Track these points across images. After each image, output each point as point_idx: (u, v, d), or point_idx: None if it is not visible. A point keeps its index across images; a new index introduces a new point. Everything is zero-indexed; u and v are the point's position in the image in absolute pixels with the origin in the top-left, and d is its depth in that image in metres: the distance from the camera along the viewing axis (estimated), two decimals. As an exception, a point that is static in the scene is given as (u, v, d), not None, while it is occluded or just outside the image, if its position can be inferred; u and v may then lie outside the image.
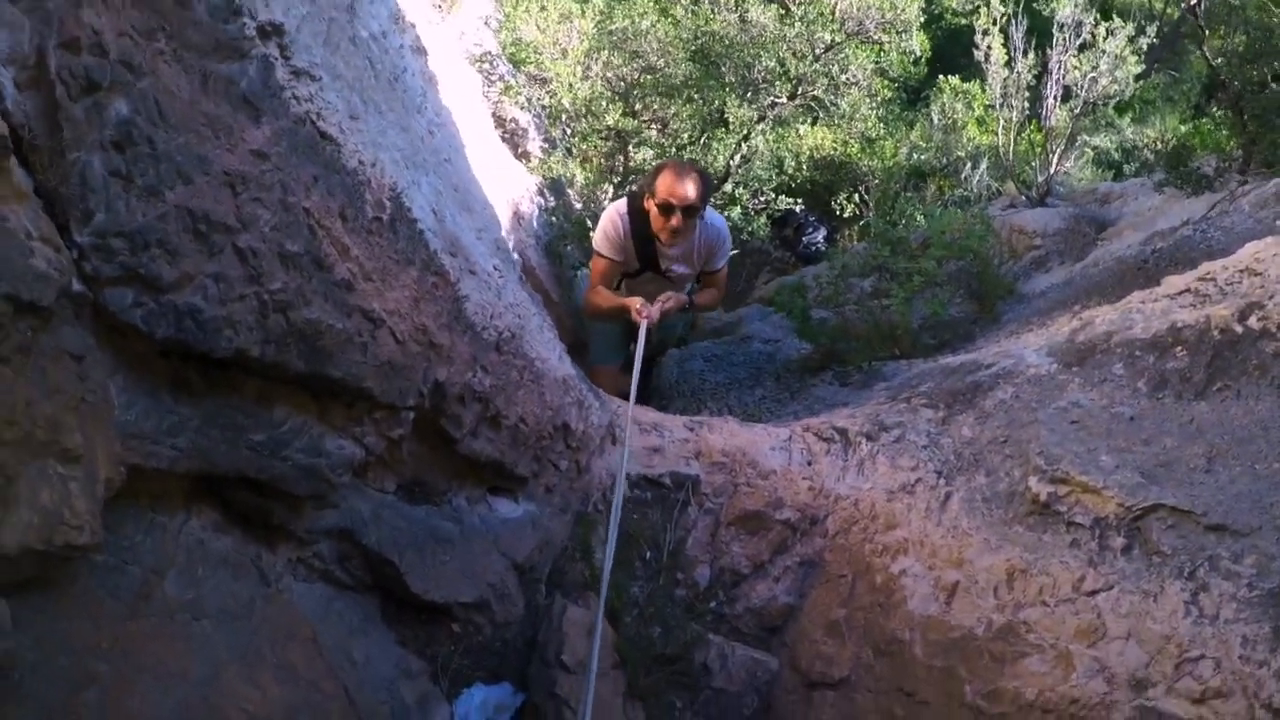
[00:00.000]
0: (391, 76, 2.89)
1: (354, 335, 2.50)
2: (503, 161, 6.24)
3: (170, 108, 2.02)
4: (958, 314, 6.69)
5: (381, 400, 2.68)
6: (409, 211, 2.72)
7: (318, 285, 2.38)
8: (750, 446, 4.29)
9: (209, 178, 2.10)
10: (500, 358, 3.13)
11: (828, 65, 7.79)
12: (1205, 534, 2.96)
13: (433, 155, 3.09)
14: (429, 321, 2.77)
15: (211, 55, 2.14)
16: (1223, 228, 5.20)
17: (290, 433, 2.53)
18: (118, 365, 2.08)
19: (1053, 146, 9.02)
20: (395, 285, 2.63)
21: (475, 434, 3.12)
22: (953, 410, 4.21)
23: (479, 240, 3.24)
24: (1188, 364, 3.61)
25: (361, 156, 2.55)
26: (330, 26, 2.57)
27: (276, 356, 2.32)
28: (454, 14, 7.12)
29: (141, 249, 1.97)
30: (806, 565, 3.95)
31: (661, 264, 5.02)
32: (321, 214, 2.38)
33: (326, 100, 2.46)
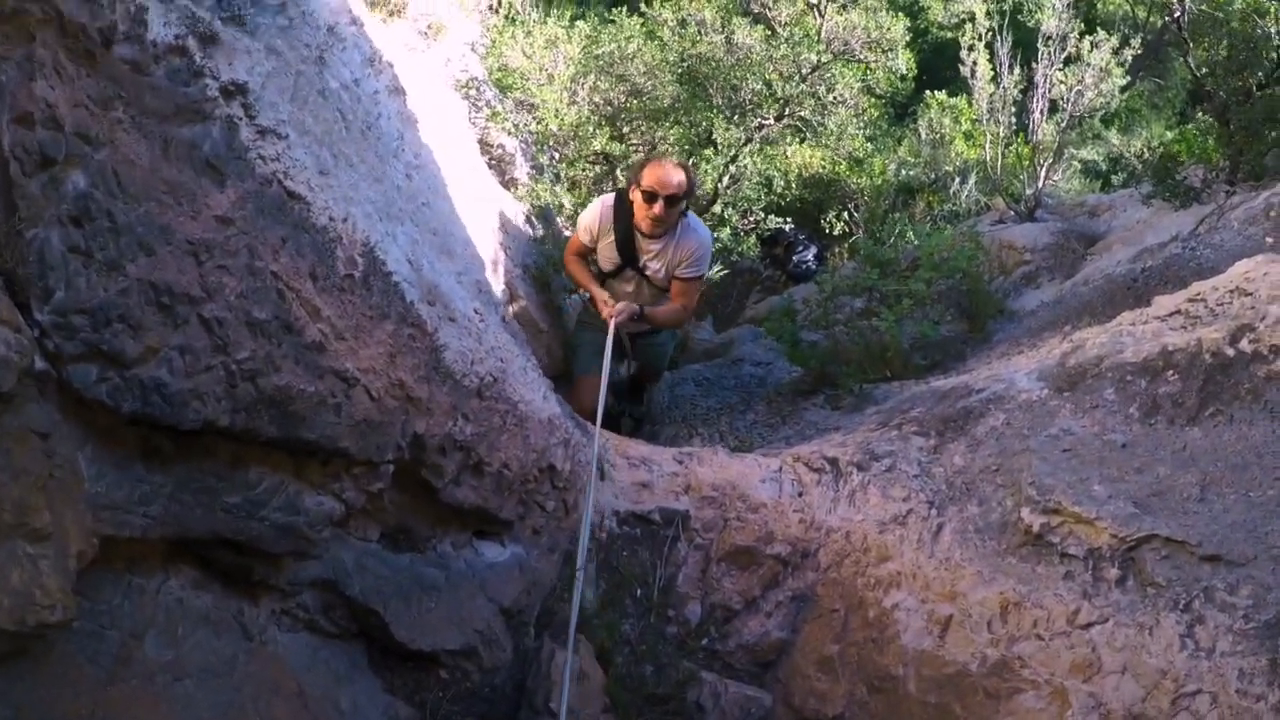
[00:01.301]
0: (365, 125, 2.84)
1: (327, 397, 2.46)
2: (489, 191, 6.19)
3: (130, 177, 1.98)
4: (949, 333, 6.65)
5: (359, 457, 2.63)
6: (383, 265, 2.67)
7: (288, 350, 2.33)
8: (740, 479, 4.25)
9: (171, 248, 2.06)
10: (482, 404, 3.08)
11: (814, 86, 7.76)
12: (1200, 564, 2.92)
13: (409, 202, 3.04)
14: (406, 375, 2.72)
15: (172, 120, 2.10)
16: (1212, 245, 5.17)
17: (266, 493, 2.48)
18: (86, 437, 2.04)
19: (1040, 161, 9.00)
20: (370, 342, 2.59)
21: (458, 482, 3.07)
22: (944, 438, 4.17)
23: (459, 284, 3.19)
24: (1180, 389, 3.58)
25: (332, 213, 2.50)
26: (298, 81, 2.52)
27: (247, 424, 2.28)
28: (440, 41, 7.09)
29: (103, 325, 1.94)
30: (799, 600, 3.90)
31: (640, 259, 5.05)
32: (290, 276, 2.33)
33: (294, 158, 2.41)
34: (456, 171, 5.32)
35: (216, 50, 2.25)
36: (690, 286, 5.11)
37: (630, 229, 4.95)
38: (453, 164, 5.27)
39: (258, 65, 2.37)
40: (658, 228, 4.84)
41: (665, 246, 4.97)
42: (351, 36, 3.00)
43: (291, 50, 2.55)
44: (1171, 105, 16.10)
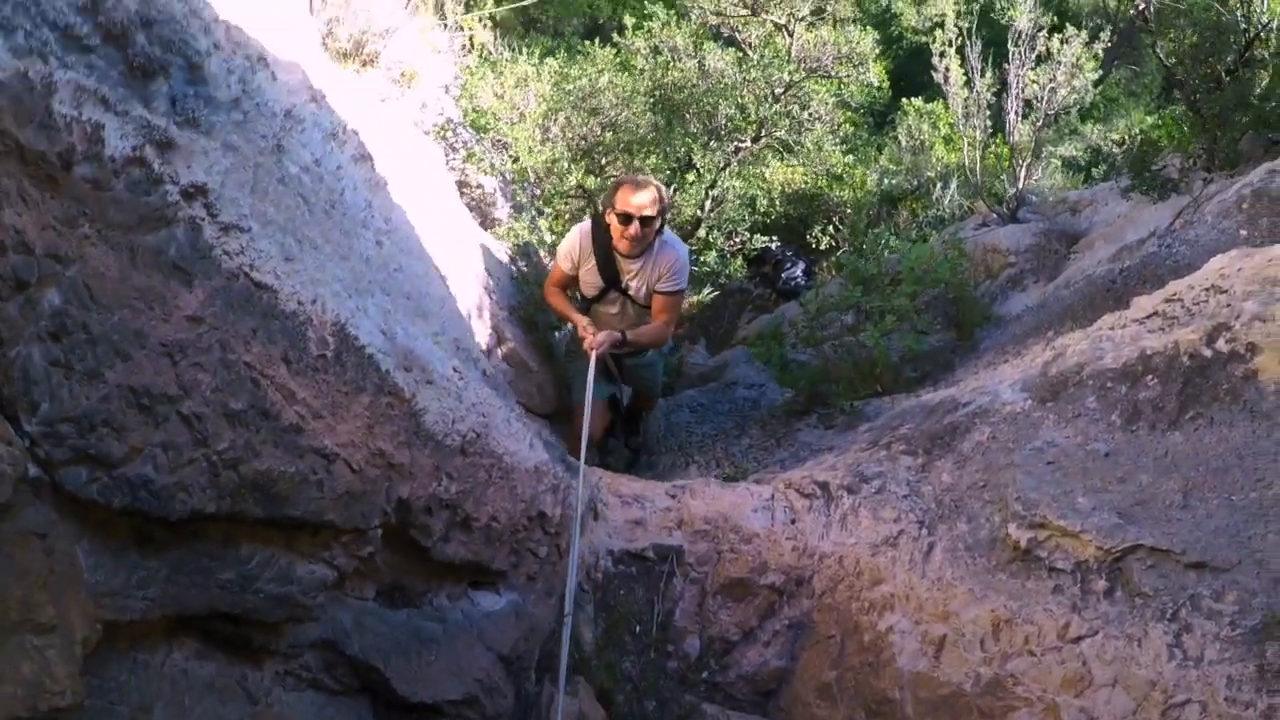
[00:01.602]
0: (329, 204, 2.89)
1: (309, 475, 2.51)
2: (469, 233, 6.24)
3: (101, 289, 2.05)
4: (937, 343, 6.68)
5: (345, 527, 2.68)
6: (355, 340, 2.72)
7: (266, 435, 2.39)
8: (732, 510, 4.27)
9: (146, 351, 2.13)
10: (466, 460, 3.12)
11: (788, 105, 7.82)
12: (1185, 572, 2.94)
13: (380, 270, 3.09)
14: (386, 444, 2.77)
15: (137, 229, 2.17)
16: (1187, 241, 5.19)
17: (258, 567, 2.53)
18: (82, 532, 2.11)
19: (1019, 161, 9.04)
20: (347, 417, 2.63)
21: (447, 539, 3.10)
22: (931, 455, 4.19)
23: (436, 345, 3.23)
24: (1159, 393, 3.60)
25: (300, 297, 2.55)
26: (257, 173, 2.57)
27: (233, 509, 2.34)
28: (413, 88, 7.17)
29: (89, 430, 2.02)
30: (795, 627, 3.92)
31: (622, 280, 5.17)
32: (264, 364, 2.39)
33: (259, 249, 2.46)
34: (434, 221, 5.37)
35: (174, 155, 2.30)
36: (671, 301, 5.19)
37: (609, 252, 5.08)
38: (429, 214, 5.32)
39: (216, 164, 2.42)
40: (636, 247, 4.97)
41: (644, 264, 5.09)
42: (311, 115, 3.04)
43: (248, 144, 2.59)
44: (1149, 91, 16.12)
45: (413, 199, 4.83)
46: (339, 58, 6.26)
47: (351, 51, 6.35)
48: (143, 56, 2.30)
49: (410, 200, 4.54)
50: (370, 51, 6.45)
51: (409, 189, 4.93)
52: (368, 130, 4.38)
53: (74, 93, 2.06)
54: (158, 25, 2.38)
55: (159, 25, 2.38)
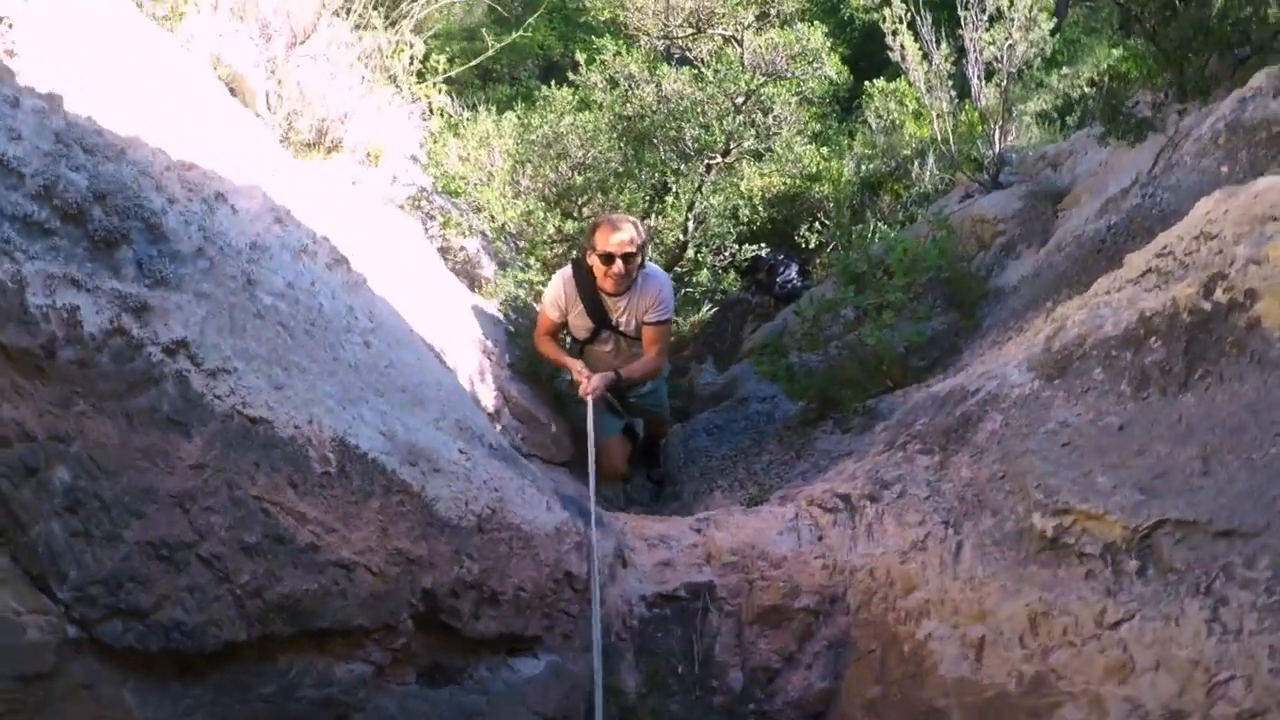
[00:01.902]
0: (308, 323, 3.00)
1: (331, 588, 2.63)
2: (459, 299, 6.26)
3: (105, 457, 2.20)
4: (940, 326, 6.63)
5: (374, 627, 2.79)
6: (357, 449, 2.82)
7: (285, 559, 2.52)
8: (758, 537, 4.25)
9: (158, 505, 2.29)
10: (485, 538, 3.22)
11: (750, 114, 7.82)
12: (1215, 541, 2.88)
13: (371, 372, 3.20)
14: (402, 541, 2.87)
15: (128, 395, 2.30)
16: (1169, 187, 5.11)
17: (297, 676, 2.65)
18: (126, 675, 2.27)
19: (991, 125, 8.98)
20: (360, 525, 2.74)
21: (477, 616, 3.19)
22: (948, 451, 4.15)
23: (439, 430, 3.33)
24: (1165, 355, 3.53)
25: (296, 422, 2.65)
26: (232, 313, 2.68)
27: (263, 632, 2.48)
28: (381, 166, 7.20)
29: (117, 589, 2.19)
30: (835, 647, 3.89)
31: (612, 319, 5.22)
32: (271, 493, 2.51)
33: (248, 386, 2.57)
34: (421, 296, 5.40)
35: (151, 316, 2.42)
36: (661, 331, 5.22)
37: (595, 292, 5.13)
38: (415, 291, 5.35)
39: (191, 315, 2.53)
40: (621, 285, 5.03)
41: (630, 299, 5.15)
42: (277, 239, 3.14)
43: (219, 288, 2.70)
44: (1109, 24, 15.99)
45: (396, 281, 4.86)
46: (302, 150, 6.30)
47: (315, 141, 6.39)
48: (103, 229, 2.43)
49: (394, 284, 4.57)
50: (333, 138, 6.49)
51: (391, 272, 4.96)
52: (339, 223, 4.42)
53: (44, 281, 2.21)
54: (111, 196, 2.50)
55: (112, 195, 2.51)
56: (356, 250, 4.20)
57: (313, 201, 4.60)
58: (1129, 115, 7.20)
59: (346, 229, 4.85)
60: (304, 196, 4.29)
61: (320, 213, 4.21)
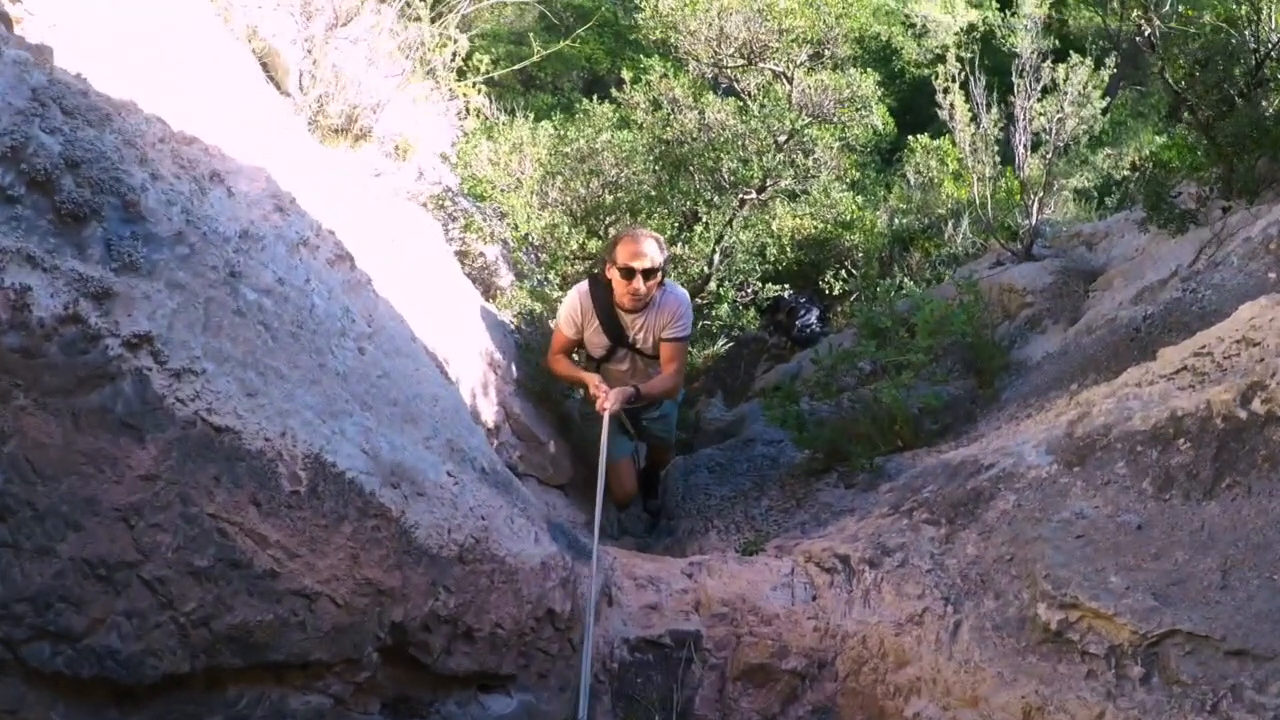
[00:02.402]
0: (295, 325, 2.74)
1: (289, 618, 2.40)
2: (471, 306, 6.14)
3: (44, 460, 1.98)
4: (956, 390, 6.51)
5: (334, 661, 2.57)
6: (333, 468, 2.58)
7: (239, 586, 2.29)
8: (750, 590, 4.12)
9: (99, 518, 2.06)
10: (465, 569, 2.98)
11: (791, 154, 7.73)
12: (1226, 660, 2.76)
13: (361, 382, 2.93)
14: (373, 571, 2.63)
15: (77, 391, 2.07)
16: (1213, 285, 5.00)
17: (248, 706, 2.44)
18: (55, 699, 2.06)
19: (1031, 196, 8.88)
20: (328, 551, 2.51)
21: (449, 652, 2.96)
22: (955, 525, 4.03)
23: (428, 450, 3.08)
24: (1192, 459, 3.42)
25: (267, 434, 2.43)
26: (208, 308, 2.44)
27: (209, 664, 2.25)
28: (409, 160, 7.11)
29: (45, 608, 1.97)
30: (819, 713, 3.75)
31: (629, 336, 5.11)
32: (230, 512, 2.29)
33: (216, 390, 2.35)
34: (430, 300, 5.28)
35: (113, 304, 2.19)
36: (678, 348, 5.11)
37: (612, 309, 5.01)
38: (425, 293, 5.23)
39: (160, 307, 2.30)
40: (640, 301, 4.91)
41: (648, 316, 5.03)
42: (273, 229, 2.89)
43: (196, 278, 2.46)
44: (1156, 110, 15.91)
45: (407, 281, 4.73)
46: (330, 135, 6.21)
47: (343, 127, 6.30)
48: (71, 202, 2.19)
49: (404, 284, 4.44)
50: (362, 126, 6.40)
51: (401, 271, 4.84)
52: (353, 216, 4.29)
53: (-5, 254, 1.97)
54: (86, 165, 2.26)
55: (87, 165, 2.27)
56: (367, 245, 4.08)
57: (328, 190, 4.49)
58: (1172, 205, 7.10)
59: (360, 222, 4.73)
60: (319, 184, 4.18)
61: (333, 203, 4.09)
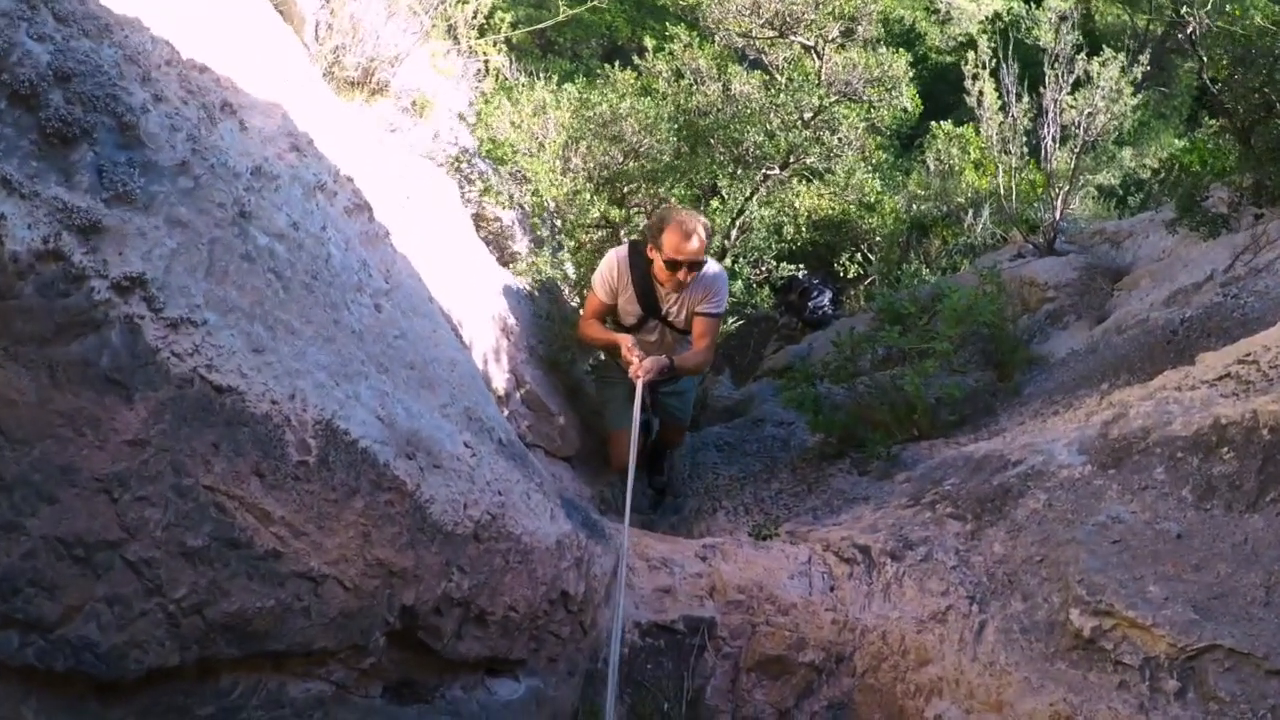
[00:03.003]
0: (310, 275, 2.53)
1: (292, 604, 2.21)
2: (486, 271, 5.98)
3: (14, 420, 1.75)
4: (975, 382, 6.39)
5: (340, 649, 2.40)
6: (345, 435, 2.38)
7: (237, 568, 2.08)
8: (767, 577, 4.01)
9: (77, 490, 1.83)
10: (480, 548, 2.82)
11: (818, 131, 7.55)
12: (1267, 679, 2.67)
13: (378, 342, 2.74)
14: (385, 550, 2.45)
15: (55, 340, 1.83)
16: (1256, 292, 4.87)
17: (243, 696, 2.25)
18: (28, 691, 1.84)
19: (1055, 190, 8.72)
20: (337, 528, 2.32)
21: (460, 636, 2.81)
22: (981, 521, 3.92)
23: (445, 418, 2.90)
24: (1236, 469, 3.31)
25: (274, 395, 2.21)
26: (213, 250, 2.20)
27: (201, 656, 2.05)
28: (426, 118, 6.94)
29: (13, 594, 1.75)
30: (835, 709, 3.66)
31: (662, 308, 5.04)
32: (229, 484, 2.07)
33: (218, 344, 2.11)
34: (446, 261, 5.12)
35: (102, 241, 1.94)
36: (713, 324, 5.04)
37: (649, 281, 4.92)
38: (441, 254, 5.07)
39: (157, 246, 2.05)
40: (682, 288, 4.85)
41: (685, 290, 4.94)
42: (289, 169, 2.66)
43: (201, 216, 2.21)
44: (1179, 113, 15.79)
45: (422, 241, 4.57)
46: (345, 88, 6.04)
47: (359, 80, 6.13)
48: (59, 120, 1.93)
49: (419, 243, 4.28)
50: (379, 80, 6.23)
51: (418, 230, 4.67)
52: (369, 169, 4.12)
53: (-39, 177, 1.71)
54: (78, 79, 2.00)
55: (80, 79, 2.01)
56: (383, 200, 3.92)
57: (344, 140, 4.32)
58: (1205, 209, 6.96)
59: (374, 176, 4.56)
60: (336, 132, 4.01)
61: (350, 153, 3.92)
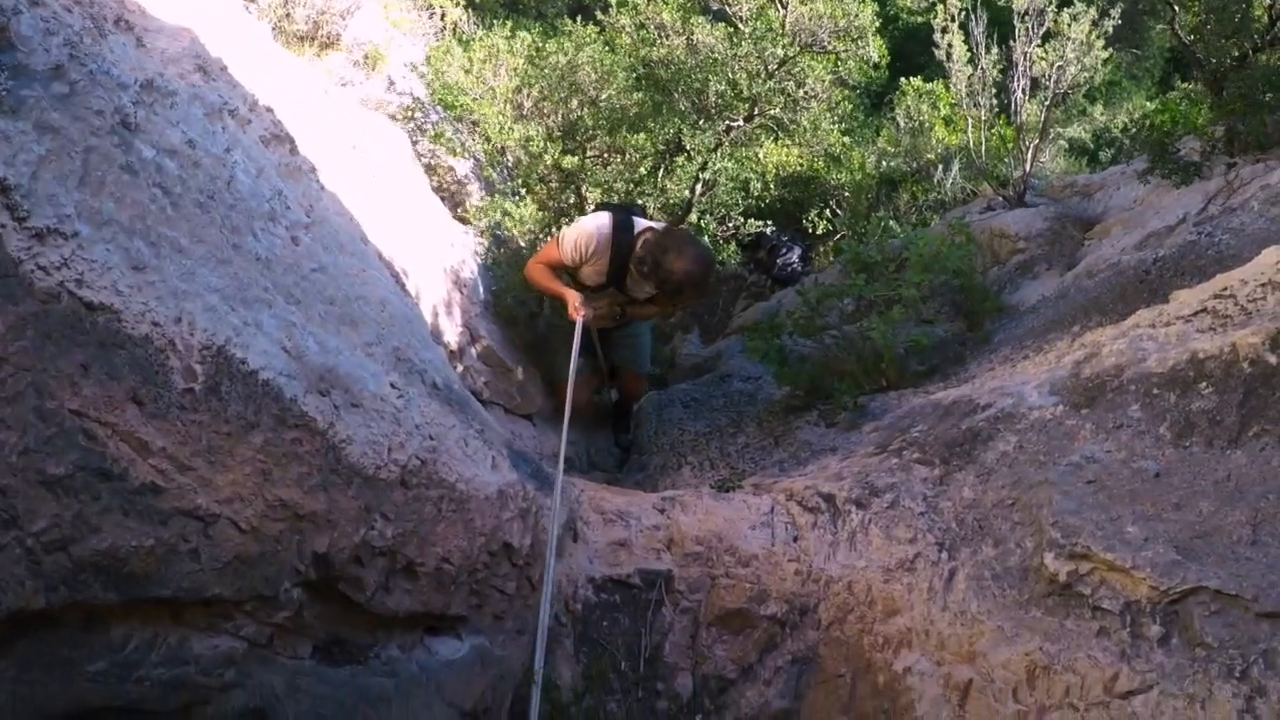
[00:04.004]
0: (206, 194, 2.35)
1: (176, 544, 2.03)
2: (438, 223, 5.77)
3: None
4: (944, 333, 6.24)
5: (244, 598, 2.21)
6: (242, 364, 2.21)
7: (108, 502, 1.91)
8: (728, 527, 3.84)
9: None
10: (408, 494, 2.62)
11: (782, 82, 7.35)
12: (1257, 623, 2.50)
13: (289, 273, 2.55)
14: (290, 490, 2.26)
15: None
16: (1231, 229, 4.71)
17: (139, 651, 2.06)
18: None
19: (1026, 143, 8.57)
20: (231, 465, 2.14)
21: (387, 589, 2.61)
22: (950, 466, 3.76)
23: (369, 358, 2.69)
24: (1216, 404, 3.14)
25: (156, 316, 2.05)
26: (88, 160, 2.05)
27: (71, 598, 1.86)
28: (379, 71, 6.68)
29: None
30: (800, 663, 3.49)
31: (627, 284, 4.78)
32: (101, 409, 1.90)
33: (90, 258, 1.96)
34: (392, 209, 4.90)
35: None
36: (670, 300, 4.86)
37: (625, 259, 4.62)
38: (386, 202, 4.84)
39: (23, 151, 1.90)
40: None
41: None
42: (188, 89, 2.48)
43: (76, 123, 2.06)
44: (1151, 75, 15.69)
45: (367, 187, 4.36)
46: (295, 42, 5.81)
47: (309, 34, 5.89)
48: None
49: (363, 188, 4.07)
50: (329, 33, 5.99)
51: (360, 178, 4.46)
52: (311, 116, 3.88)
53: None
54: None
55: None
56: (323, 147, 3.68)
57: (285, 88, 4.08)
58: (1177, 157, 6.83)
59: (318, 124, 4.33)
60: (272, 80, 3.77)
61: (288, 102, 3.67)
